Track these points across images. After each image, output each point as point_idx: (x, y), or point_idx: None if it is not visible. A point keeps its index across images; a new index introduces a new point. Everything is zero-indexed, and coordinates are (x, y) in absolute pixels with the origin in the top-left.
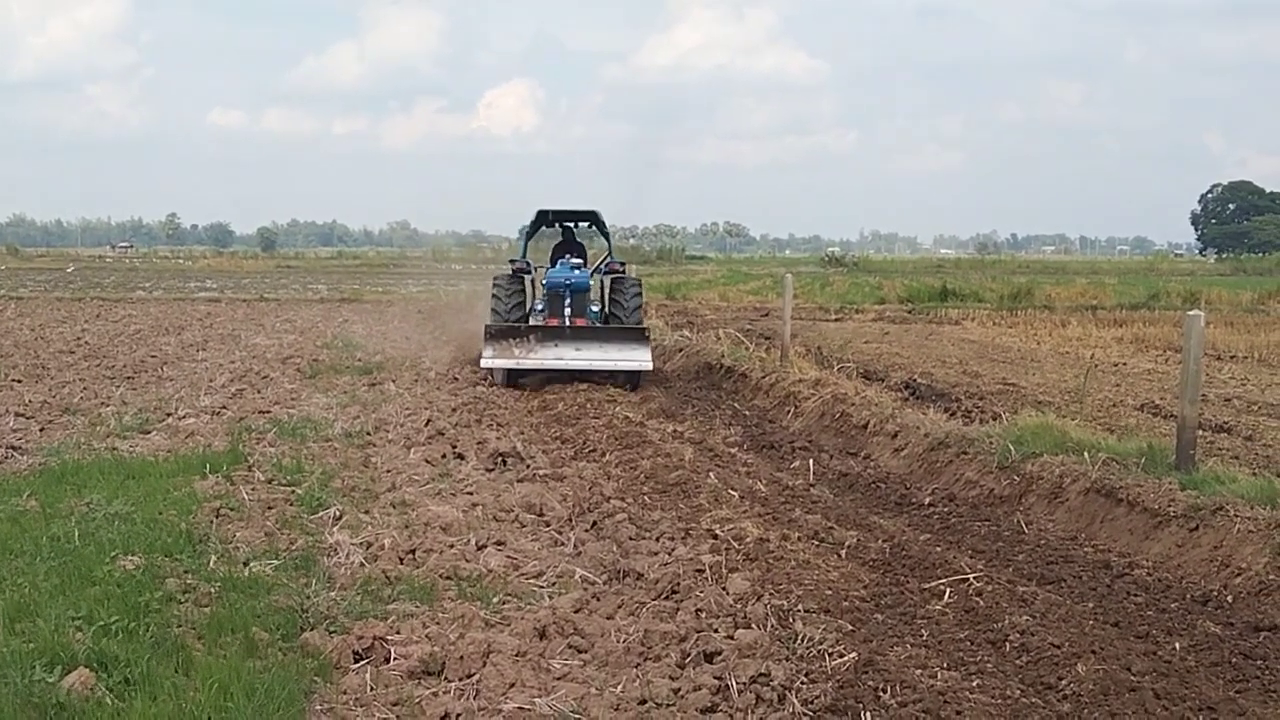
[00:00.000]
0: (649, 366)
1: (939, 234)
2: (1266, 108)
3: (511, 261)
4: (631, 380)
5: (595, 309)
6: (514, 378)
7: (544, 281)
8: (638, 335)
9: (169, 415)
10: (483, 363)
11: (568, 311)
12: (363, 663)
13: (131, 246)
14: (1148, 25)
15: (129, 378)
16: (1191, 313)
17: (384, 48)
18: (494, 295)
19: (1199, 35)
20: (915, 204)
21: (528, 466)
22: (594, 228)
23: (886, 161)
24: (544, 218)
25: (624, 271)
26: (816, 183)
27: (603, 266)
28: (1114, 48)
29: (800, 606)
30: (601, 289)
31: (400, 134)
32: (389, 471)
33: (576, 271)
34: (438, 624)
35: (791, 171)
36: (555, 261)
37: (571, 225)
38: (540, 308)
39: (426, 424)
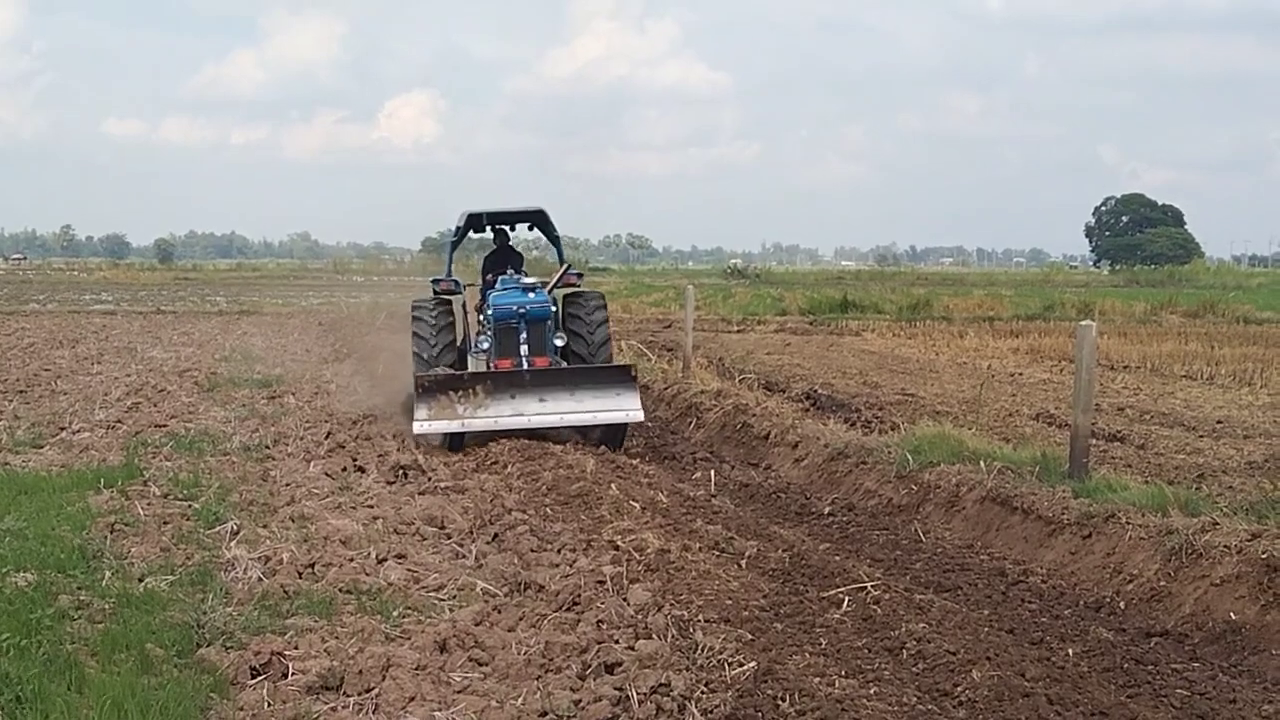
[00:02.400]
0: (639, 416)
1: (840, 246)
2: (1158, 121)
3: (435, 281)
4: (613, 437)
5: (559, 343)
6: (457, 440)
7: (488, 309)
8: (621, 376)
9: (63, 430)
10: (415, 427)
11: (524, 349)
12: (260, 678)
13: (24, 258)
14: (1043, 38)
15: (21, 391)
16: (1084, 323)
17: (284, 56)
18: (415, 330)
19: (1093, 49)
20: (816, 216)
21: (429, 479)
22: (536, 230)
23: (788, 173)
24: (476, 222)
25: (580, 284)
26: (719, 194)
27: (557, 281)
28: (1011, 60)
29: (700, 616)
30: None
31: (301, 144)
32: (288, 485)
33: (531, 294)
34: (337, 638)
35: (694, 183)
36: (492, 277)
37: (506, 229)
38: (484, 345)
39: (327, 437)
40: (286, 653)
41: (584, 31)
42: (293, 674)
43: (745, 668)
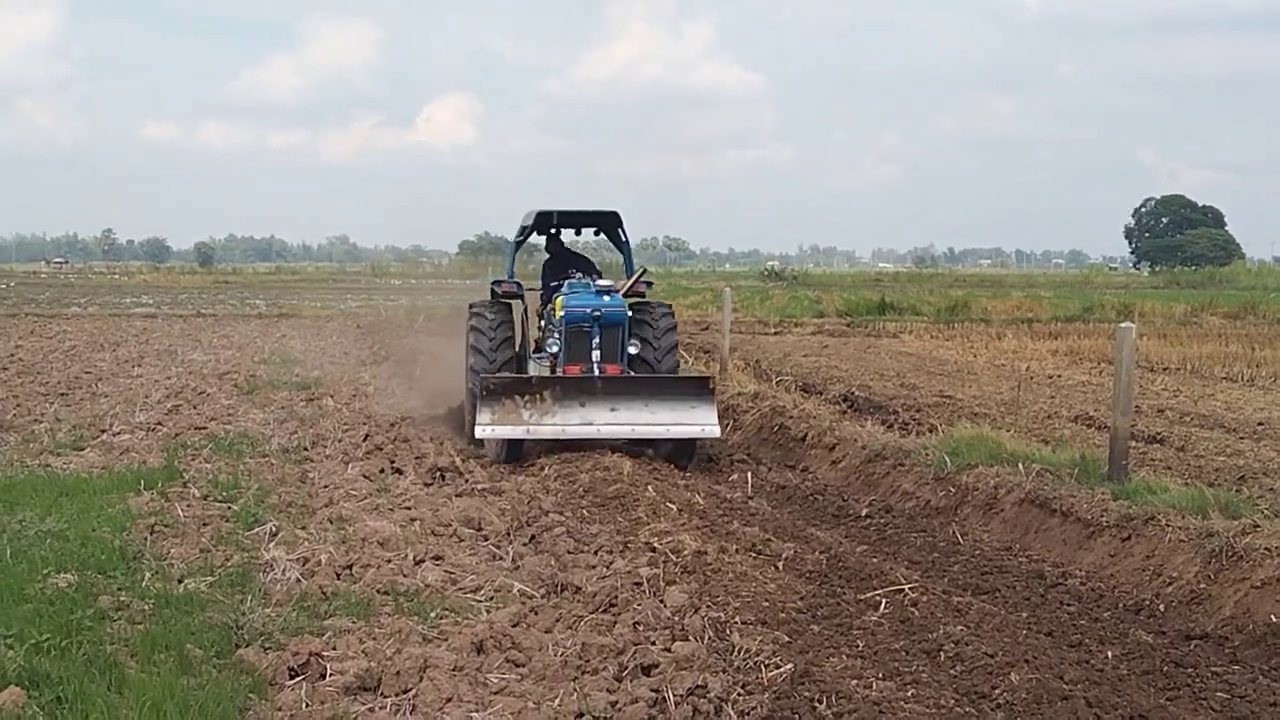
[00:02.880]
0: (716, 432)
1: (877, 248)
2: (1197, 121)
3: (495, 283)
4: (684, 451)
5: (633, 350)
6: (516, 449)
7: (559, 311)
8: (698, 388)
9: (103, 432)
10: (478, 431)
11: (596, 356)
12: (298, 679)
13: (67, 262)
14: (1078, 39)
15: (63, 394)
16: (1123, 325)
17: (321, 61)
18: (473, 330)
19: (1129, 50)
20: (853, 218)
21: (466, 481)
22: (602, 235)
23: (825, 175)
24: (545, 222)
25: (647, 294)
26: (756, 197)
27: (631, 285)
28: (1046, 62)
29: (737, 618)
30: None
31: (338, 148)
32: (326, 487)
33: (607, 297)
34: (374, 639)
35: (731, 185)
36: (555, 281)
37: (557, 236)
38: (553, 348)
39: (365, 439)
40: (324, 653)
41: (618, 34)
42: (331, 675)
43: (782, 670)
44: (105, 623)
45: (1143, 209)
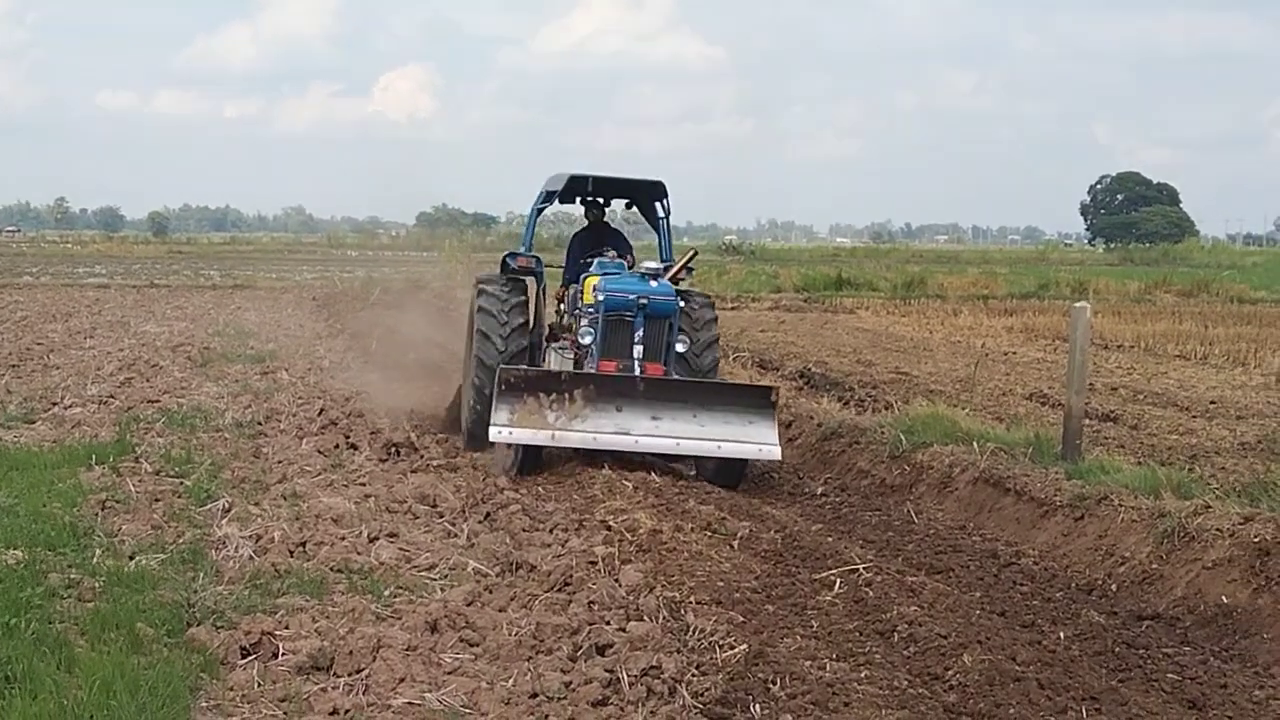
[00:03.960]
0: (776, 454)
1: (835, 223)
2: (1153, 98)
3: (510, 256)
4: (732, 472)
5: (681, 348)
6: (533, 458)
7: (598, 296)
8: (758, 399)
9: (54, 405)
10: (492, 432)
11: (637, 352)
12: (250, 658)
13: (18, 230)
14: (1037, 14)
15: (13, 365)
16: (1078, 305)
17: (277, 29)
18: (482, 311)
19: (1087, 25)
20: (812, 192)
21: (421, 457)
22: (636, 209)
23: (783, 149)
24: (577, 188)
25: (688, 280)
26: (714, 171)
27: (681, 267)
28: (1005, 36)
29: (692, 598)
30: None
31: (295, 117)
32: (280, 462)
33: (654, 283)
34: (327, 618)
35: (689, 159)
36: (587, 258)
37: (601, 203)
38: (587, 339)
39: (320, 413)
40: (277, 632)
41: (579, 6)
42: (283, 654)
43: (736, 650)
44: (55, 600)
45: (1098, 186)
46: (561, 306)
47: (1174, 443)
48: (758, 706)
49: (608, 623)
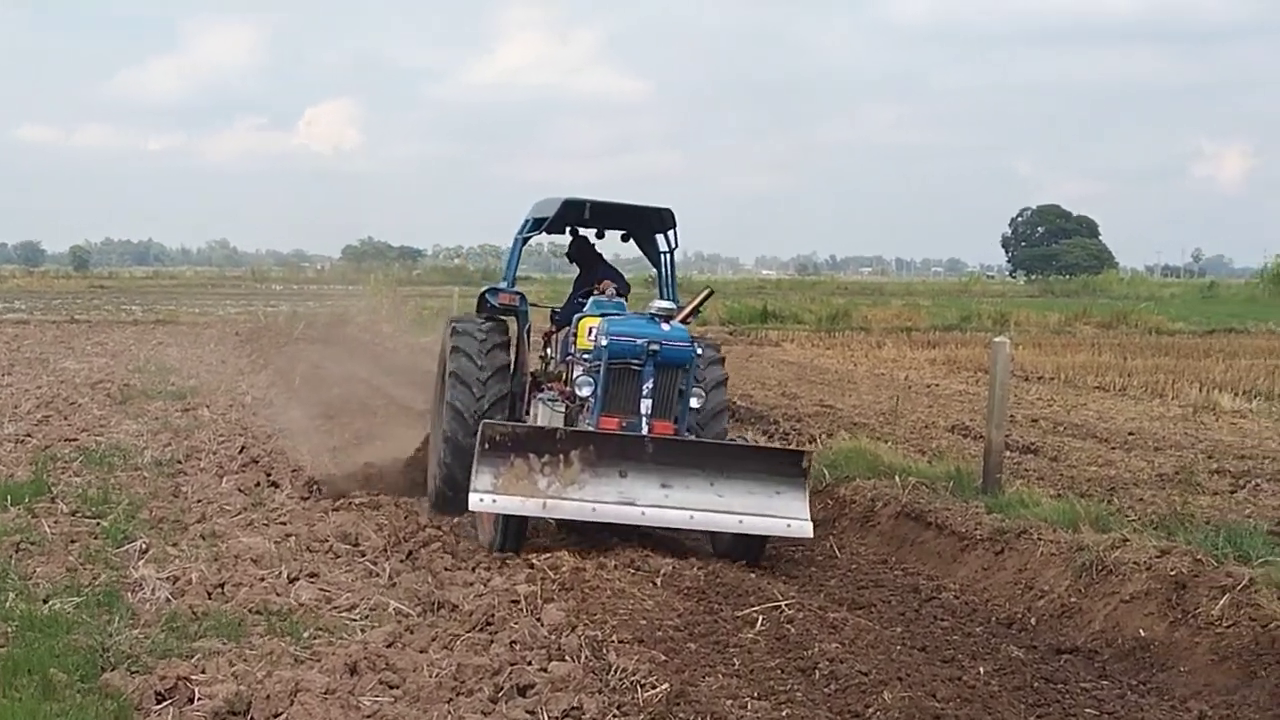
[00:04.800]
0: (808, 530)
1: (760, 255)
2: (1073, 132)
3: (490, 292)
4: (752, 546)
5: (695, 403)
6: (519, 531)
7: (602, 340)
8: (787, 464)
9: None
10: (473, 500)
11: (645, 407)
12: (165, 704)
13: None
14: (959, 51)
15: None
16: (997, 339)
17: (201, 62)
18: (457, 353)
19: (1007, 61)
20: (738, 225)
21: (344, 494)
22: (631, 240)
23: (709, 182)
24: (571, 215)
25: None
26: (642, 203)
27: (696, 307)
28: (927, 72)
29: (615, 637)
30: None
31: (219, 150)
32: (200, 501)
33: (667, 326)
34: (245, 662)
35: (618, 191)
36: (582, 296)
37: (589, 234)
38: (585, 390)
39: (240, 451)
40: (193, 677)
41: (505, 39)
42: (199, 699)
43: (658, 690)
44: None
45: (1019, 218)
46: (547, 351)
47: (1093, 475)
48: None
49: (529, 663)
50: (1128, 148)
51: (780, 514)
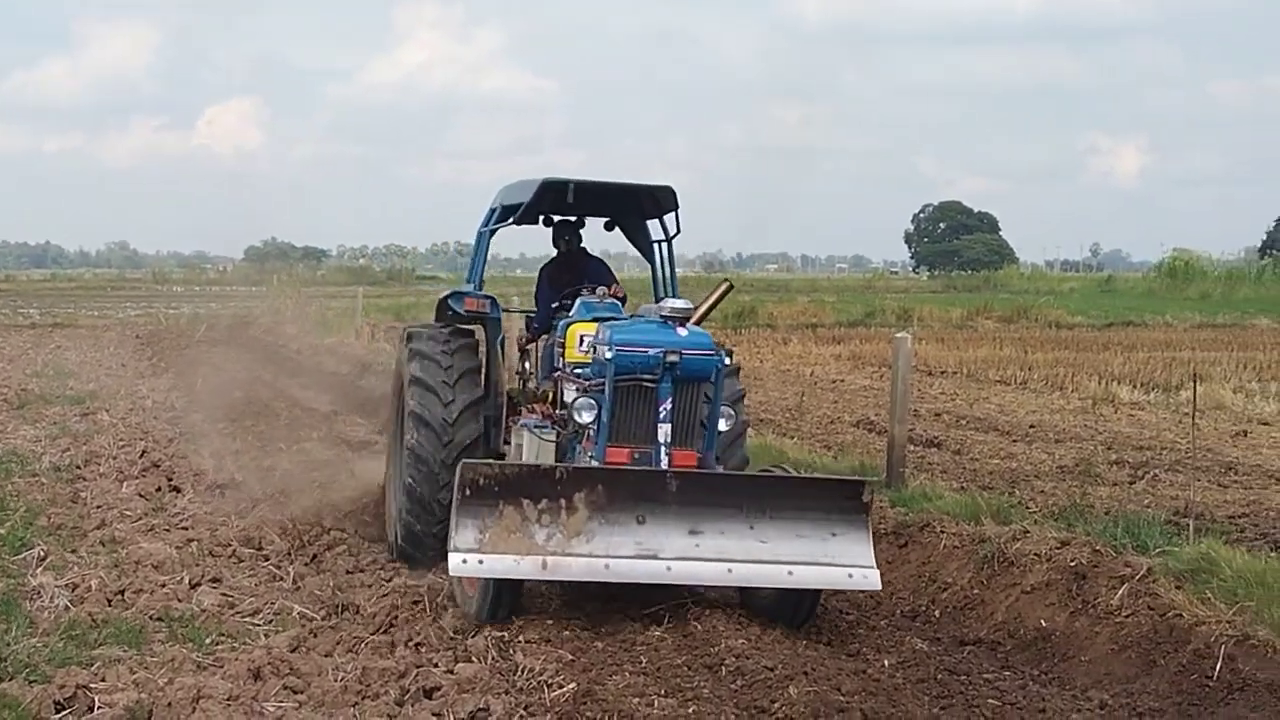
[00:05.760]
0: (875, 581)
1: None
2: (973, 130)
3: (454, 297)
4: (801, 605)
5: (724, 425)
6: (511, 596)
7: (602, 350)
8: (843, 497)
9: None
10: (454, 561)
11: (663, 432)
12: (64, 713)
13: None
14: (860, 49)
15: None
16: (899, 335)
17: (98, 62)
18: (417, 384)
19: (908, 60)
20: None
21: (247, 497)
22: (615, 227)
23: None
24: (554, 199)
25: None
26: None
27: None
28: (829, 71)
29: (521, 637)
30: None
31: (117, 151)
32: (99, 507)
33: (683, 331)
34: (146, 669)
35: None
36: (561, 297)
37: (575, 222)
38: (586, 416)
39: (141, 455)
40: (93, 685)
41: (408, 39)
42: (99, 708)
43: (565, 689)
44: None
45: (921, 215)
46: (525, 365)
47: (995, 467)
48: None
49: (435, 665)
50: (1027, 145)
51: (838, 561)
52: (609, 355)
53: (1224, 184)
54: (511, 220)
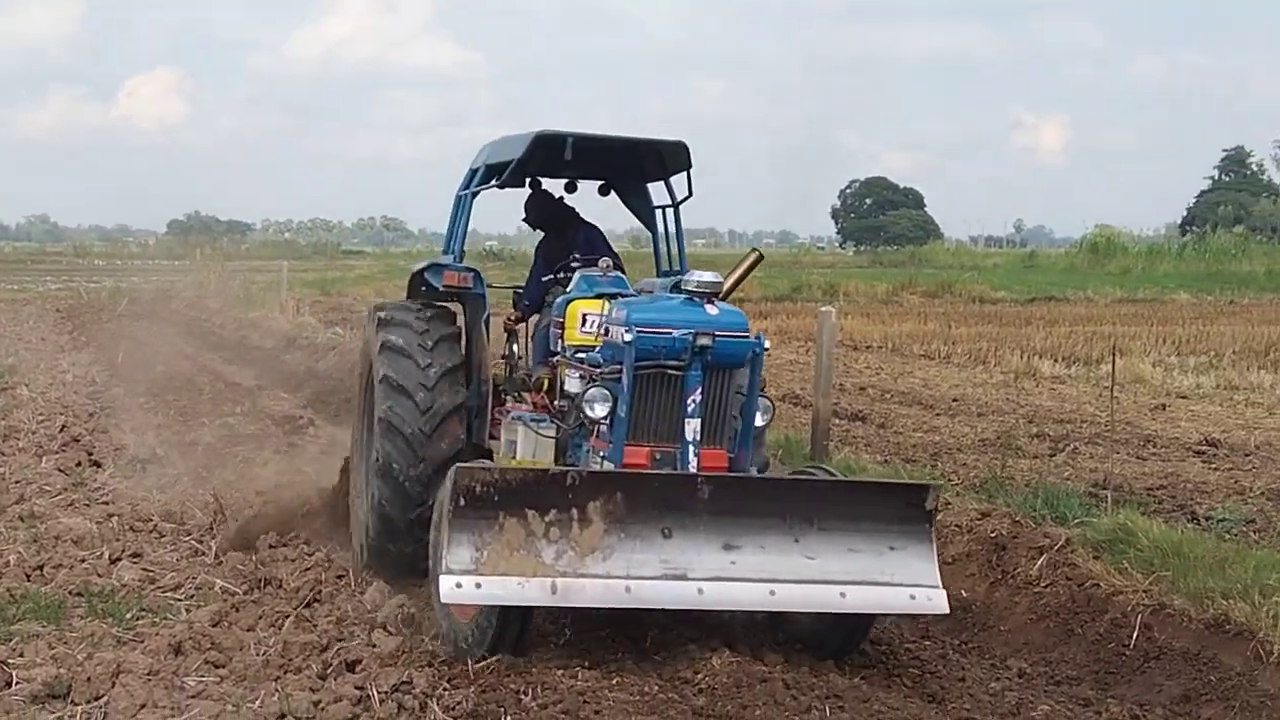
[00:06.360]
0: (942, 604)
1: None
2: (898, 105)
3: (432, 269)
4: (850, 634)
5: (761, 420)
6: (517, 629)
7: (619, 331)
8: (902, 504)
9: None
10: (444, 586)
11: (691, 429)
12: None
13: None
14: (785, 24)
15: None
16: (824, 309)
17: (14, 32)
18: (387, 384)
19: (833, 34)
20: (570, 198)
21: (169, 472)
22: (611, 191)
23: None
24: (548, 157)
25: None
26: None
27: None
28: (754, 46)
29: None
30: None
31: (37, 123)
32: (18, 482)
33: (711, 308)
34: (65, 644)
35: (448, 165)
36: (553, 270)
37: (568, 179)
38: (599, 409)
39: (61, 430)
40: (10, 661)
41: (332, 10)
42: (17, 683)
43: (488, 662)
44: None
45: (848, 190)
46: (513, 348)
47: (918, 440)
48: (509, 718)
49: (357, 638)
50: (952, 121)
51: (898, 579)
52: (627, 338)
53: (1146, 160)
54: (496, 182)
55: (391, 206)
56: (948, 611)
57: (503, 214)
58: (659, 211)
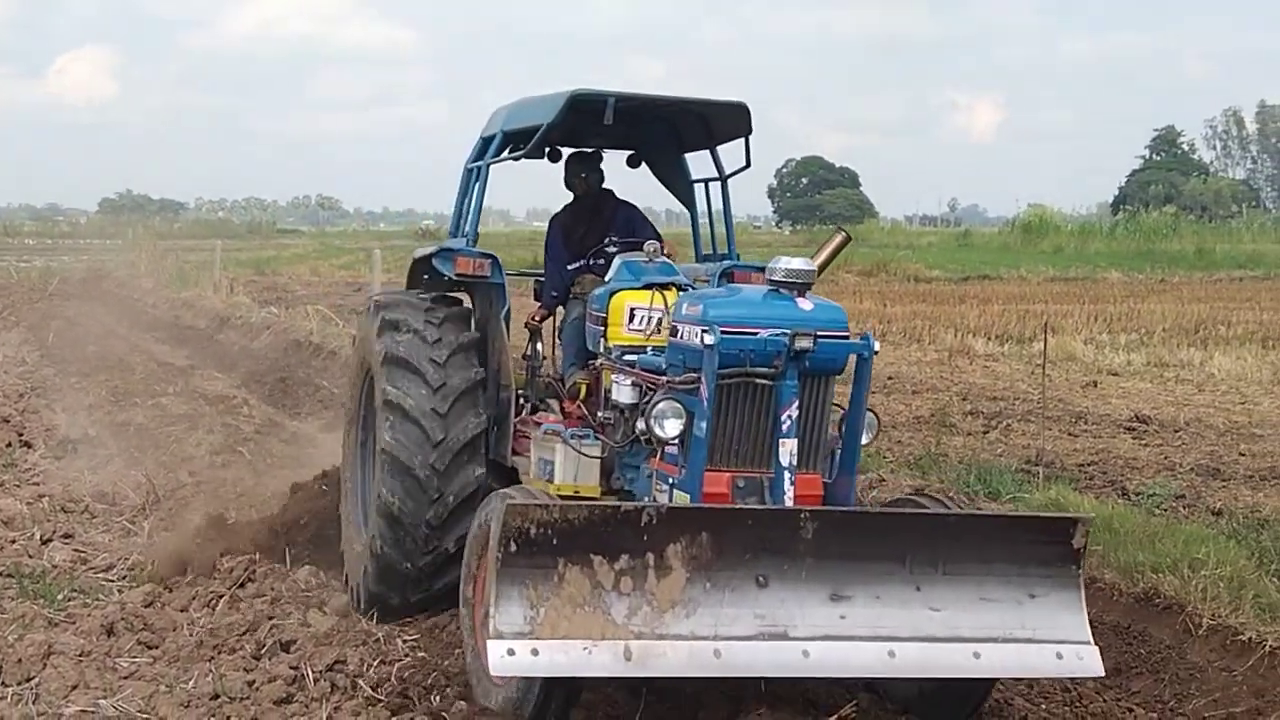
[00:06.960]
0: (1097, 666)
1: (532, 207)
2: (833, 85)
3: (443, 254)
4: (970, 698)
5: (867, 439)
6: (566, 696)
7: (699, 334)
8: (1043, 540)
9: None
10: (495, 655)
11: (786, 452)
12: None
13: None
14: (719, 2)
15: None
16: None
17: None
18: (389, 404)
19: (768, 14)
20: (509, 177)
21: (100, 453)
22: (641, 163)
23: (475, 134)
24: (580, 123)
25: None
26: (408, 155)
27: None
28: (690, 25)
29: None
30: None
31: None
32: None
33: (805, 303)
34: None
35: (383, 144)
36: (583, 257)
37: (593, 155)
38: (669, 428)
39: None
40: None
41: None
42: None
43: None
44: None
45: (784, 169)
46: (536, 348)
47: None
48: (437, 697)
49: (290, 618)
50: (886, 100)
51: (1040, 635)
52: (709, 340)
53: (1078, 140)
54: (517, 153)
55: (326, 185)
56: (1102, 674)
57: (434, 195)
58: (700, 187)
